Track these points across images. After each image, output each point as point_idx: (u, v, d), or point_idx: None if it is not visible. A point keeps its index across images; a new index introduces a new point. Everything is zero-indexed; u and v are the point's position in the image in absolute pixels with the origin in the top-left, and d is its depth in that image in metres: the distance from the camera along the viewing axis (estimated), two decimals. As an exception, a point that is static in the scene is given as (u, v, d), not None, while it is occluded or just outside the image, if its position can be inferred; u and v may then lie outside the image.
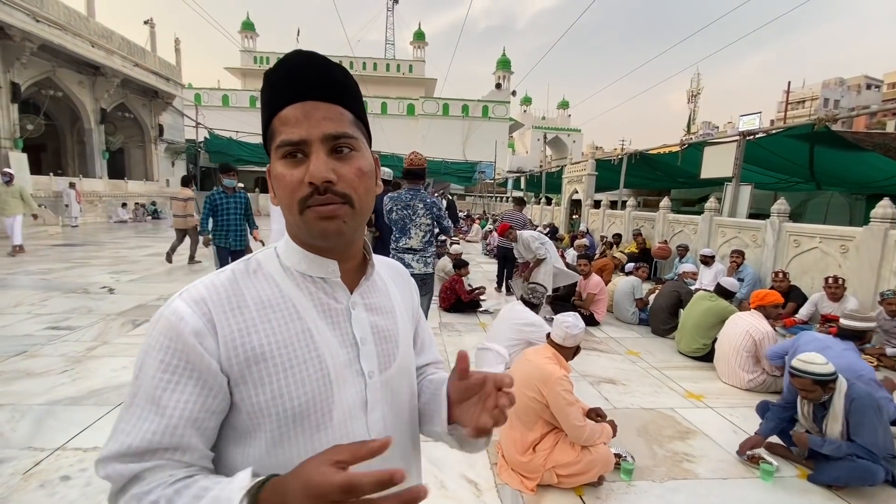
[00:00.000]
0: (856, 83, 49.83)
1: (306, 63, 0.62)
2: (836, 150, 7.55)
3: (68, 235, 12.07)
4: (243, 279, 0.64)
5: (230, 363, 0.58)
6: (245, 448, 0.61)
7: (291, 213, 0.62)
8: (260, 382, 0.59)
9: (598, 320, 5.47)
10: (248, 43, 39.15)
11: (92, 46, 15.33)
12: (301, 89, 0.61)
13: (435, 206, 3.47)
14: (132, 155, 20.86)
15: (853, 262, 5.11)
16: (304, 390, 0.60)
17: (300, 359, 0.61)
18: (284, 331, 0.62)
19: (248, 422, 0.60)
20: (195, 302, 0.59)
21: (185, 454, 0.56)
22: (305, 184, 0.59)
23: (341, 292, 0.68)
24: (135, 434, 0.55)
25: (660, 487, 2.38)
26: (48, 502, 2.06)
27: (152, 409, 0.55)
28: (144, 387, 0.56)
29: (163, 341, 0.57)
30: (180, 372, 0.56)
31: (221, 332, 0.58)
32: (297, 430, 0.60)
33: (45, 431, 2.62)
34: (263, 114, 0.65)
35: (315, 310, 0.65)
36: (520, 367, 2.42)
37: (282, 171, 0.61)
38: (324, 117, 0.60)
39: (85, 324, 4.56)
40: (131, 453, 0.54)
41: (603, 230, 11.52)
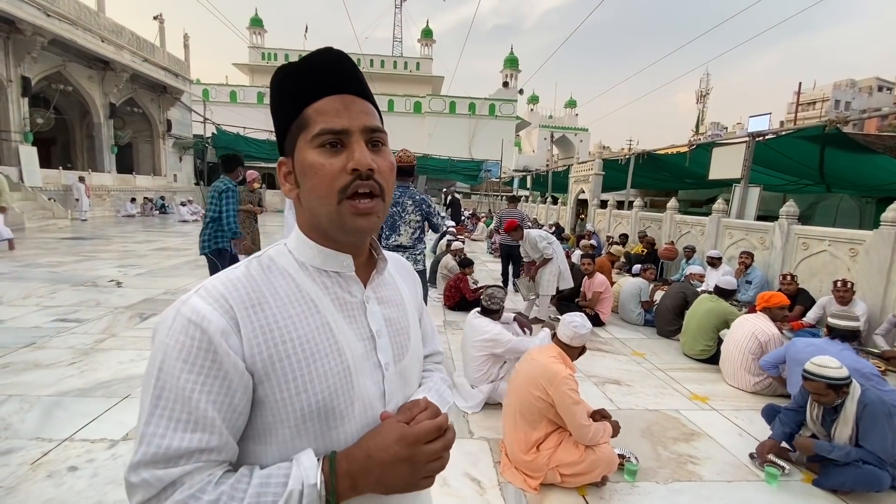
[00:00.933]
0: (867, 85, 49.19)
1: (340, 59, 0.64)
2: (847, 153, 7.47)
3: (77, 229, 12.19)
4: (259, 275, 0.64)
5: (254, 360, 0.58)
6: (267, 446, 0.61)
7: (326, 203, 0.62)
8: (283, 378, 0.59)
9: (604, 320, 5.45)
10: (256, 39, 39.26)
11: (102, 41, 15.43)
12: (339, 82, 0.63)
13: (424, 203, 3.46)
14: (140, 150, 21.01)
15: (863, 265, 5.06)
16: (326, 384, 0.61)
17: (321, 353, 0.62)
18: (304, 325, 0.62)
19: (270, 418, 0.60)
20: (215, 300, 0.58)
21: (220, 453, 0.56)
22: (346, 172, 0.61)
23: (356, 286, 0.70)
24: (170, 436, 0.54)
25: (664, 489, 2.37)
26: (55, 493, 2.09)
27: (184, 410, 0.54)
28: (170, 388, 0.54)
29: (185, 341, 0.55)
30: (206, 371, 0.55)
31: (245, 329, 0.58)
32: (322, 424, 0.61)
33: (52, 422, 2.65)
34: (288, 105, 0.64)
35: (332, 304, 0.66)
36: (525, 366, 2.42)
37: (319, 159, 0.61)
38: (361, 110, 0.63)
39: (93, 316, 4.61)
40: (169, 456, 0.53)
41: (609, 230, 11.47)
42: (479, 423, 2.97)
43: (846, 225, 8.53)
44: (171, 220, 16.80)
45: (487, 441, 2.74)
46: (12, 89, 13.28)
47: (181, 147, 22.48)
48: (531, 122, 44.25)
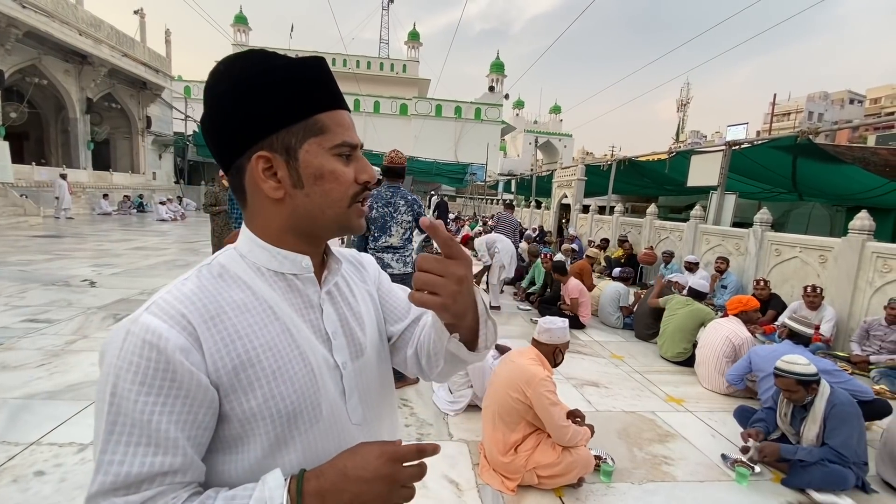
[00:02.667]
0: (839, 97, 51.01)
1: (329, 72, 0.67)
2: (818, 163, 7.73)
3: (50, 226, 11.82)
4: (213, 285, 0.62)
5: (219, 374, 0.57)
6: (237, 456, 0.60)
7: (339, 206, 0.65)
8: (250, 388, 0.58)
9: (584, 323, 5.52)
10: (240, 37, 38.71)
11: (79, 35, 15.05)
12: (341, 98, 0.67)
13: (416, 204, 3.44)
14: (118, 146, 20.51)
15: (832, 271, 5.24)
16: (294, 389, 0.61)
17: (286, 359, 0.62)
18: (266, 333, 0.61)
19: (238, 430, 0.59)
20: (171, 317, 0.56)
21: (185, 474, 0.55)
22: (361, 181, 0.66)
23: (312, 288, 0.69)
24: (129, 462, 0.52)
25: (638, 489, 2.42)
26: (21, 498, 2.02)
27: (143, 434, 0.52)
28: (126, 412, 0.52)
29: (139, 362, 0.53)
30: (166, 392, 0.53)
31: (206, 344, 0.57)
32: (293, 429, 0.61)
33: (19, 426, 2.56)
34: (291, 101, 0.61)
35: (290, 308, 0.66)
36: (504, 369, 2.44)
37: (339, 168, 0.65)
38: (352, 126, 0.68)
39: (64, 317, 4.47)
40: (129, 483, 0.51)
41: (591, 235, 11.63)
42: (458, 425, 2.98)
43: (818, 232, 8.81)
44: (149, 218, 16.42)
45: (466, 443, 2.76)
46: (-17, 81, 12.85)
47: (161, 144, 22.03)
48: (516, 127, 44.63)
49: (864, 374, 4.24)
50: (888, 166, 6.92)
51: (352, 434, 0.68)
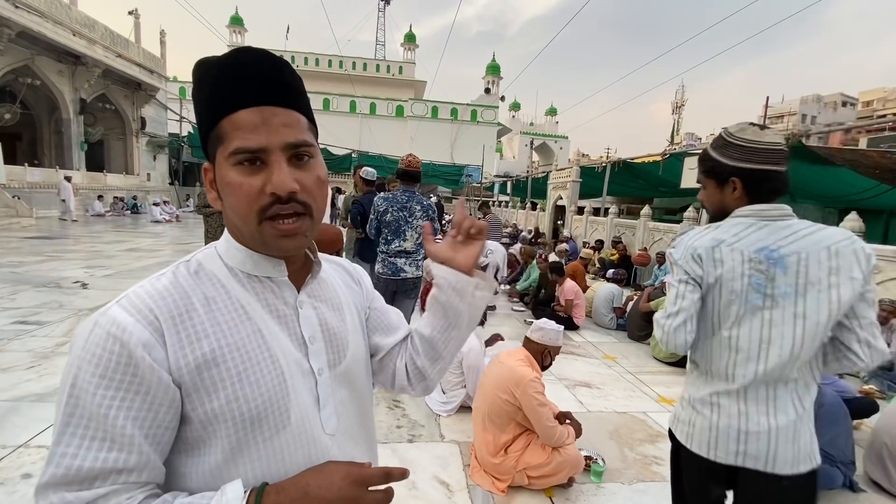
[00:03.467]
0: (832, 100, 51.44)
1: (259, 63, 0.58)
2: (809, 165, 7.79)
3: (42, 228, 11.74)
4: (187, 281, 0.61)
5: (181, 372, 0.55)
6: (197, 459, 0.58)
7: (247, 224, 0.59)
8: (213, 388, 0.56)
9: (577, 324, 5.54)
10: (236, 38, 38.63)
11: (73, 35, 14.99)
12: (256, 92, 0.57)
13: (431, 209, 3.45)
14: (112, 147, 20.42)
15: (822, 273, 5.27)
16: (259, 392, 0.59)
17: (254, 360, 0.59)
18: (235, 333, 0.59)
19: (200, 432, 0.57)
20: (139, 311, 0.55)
21: (141, 474, 0.53)
22: (266, 193, 0.57)
23: (288, 291, 0.67)
24: (82, 456, 0.50)
25: (628, 489, 2.43)
26: (8, 500, 2.01)
27: (99, 428, 0.51)
28: (84, 404, 0.51)
29: (102, 354, 0.52)
30: (126, 387, 0.52)
31: (170, 340, 0.55)
32: (257, 434, 0.59)
33: (7, 428, 2.55)
34: (205, 112, 0.60)
35: (264, 310, 0.64)
36: (493, 370, 2.45)
37: (237, 178, 0.57)
38: (283, 124, 0.58)
39: (55, 319, 4.44)
40: (81, 478, 0.50)
41: (586, 236, 11.67)
42: (449, 426, 2.98)
43: (810, 234, 8.86)
44: (142, 220, 16.34)
45: (458, 444, 2.76)
46: (-25, 82, 12.77)
47: (156, 146, 21.94)
48: (512, 129, 44.76)
49: (854, 375, 4.27)
50: (878, 168, 7.00)
51: (324, 445, 0.65)
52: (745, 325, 1.15)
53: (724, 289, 1.15)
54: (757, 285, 1.12)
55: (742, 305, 1.14)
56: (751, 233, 1.16)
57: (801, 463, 1.17)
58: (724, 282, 1.15)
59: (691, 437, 1.27)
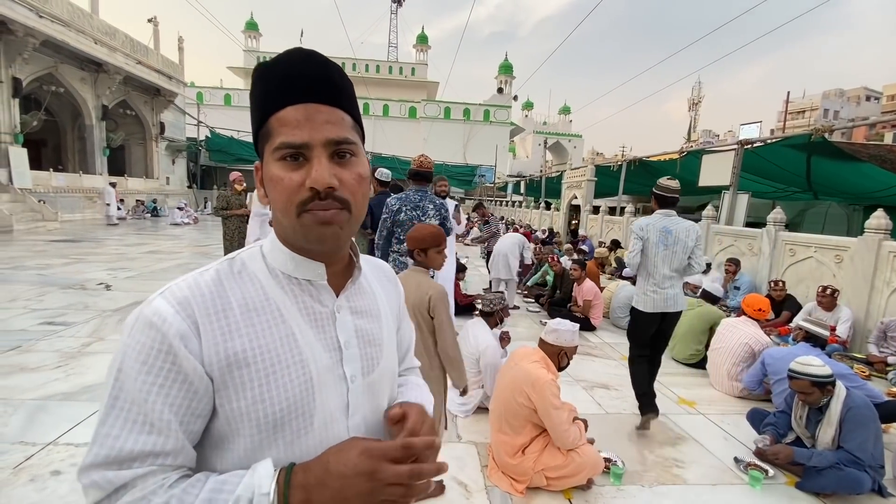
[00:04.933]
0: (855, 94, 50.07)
1: (307, 62, 0.60)
2: (833, 161, 7.60)
3: (67, 231, 12.07)
4: (228, 280, 0.62)
5: (212, 367, 0.57)
6: (223, 453, 0.60)
7: (287, 216, 0.60)
8: (241, 388, 0.58)
9: (595, 325, 5.48)
10: (251, 43, 39.25)
11: (95, 43, 15.38)
12: (303, 90, 0.59)
13: (443, 208, 3.47)
14: (133, 152, 20.90)
15: (847, 272, 5.14)
16: (285, 396, 0.60)
17: (283, 364, 0.60)
18: (268, 335, 0.61)
19: (226, 427, 0.59)
20: (179, 303, 0.57)
21: (176, 457, 0.56)
22: (306, 188, 0.58)
23: (327, 295, 0.68)
24: (124, 437, 0.53)
25: (648, 492, 2.39)
26: (38, 497, 2.07)
27: (140, 413, 0.54)
28: (128, 389, 0.54)
29: (144, 342, 0.55)
30: (165, 374, 0.54)
31: (205, 335, 0.57)
32: (277, 437, 0.60)
33: (36, 426, 2.62)
34: (256, 112, 0.63)
35: (299, 313, 0.64)
36: (509, 372, 2.43)
37: (279, 173, 0.59)
38: (326, 121, 0.60)
39: (81, 320, 4.57)
40: (122, 459, 0.53)
41: (601, 236, 11.55)
42: (467, 427, 2.98)
43: (834, 232, 8.64)
44: (162, 223, 16.69)
45: (475, 445, 2.75)
46: (3, 90, 13.19)
47: (174, 150, 22.39)
48: (525, 128, 44.56)
49: (882, 376, 4.15)
50: (906, 164, 6.78)
51: None
52: (659, 256, 2.93)
53: (650, 242, 2.94)
54: (662, 241, 2.91)
55: (656, 248, 2.92)
56: (659, 220, 2.97)
57: (682, 305, 2.99)
58: (650, 239, 2.94)
59: (646, 304, 3.01)
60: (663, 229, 2.91)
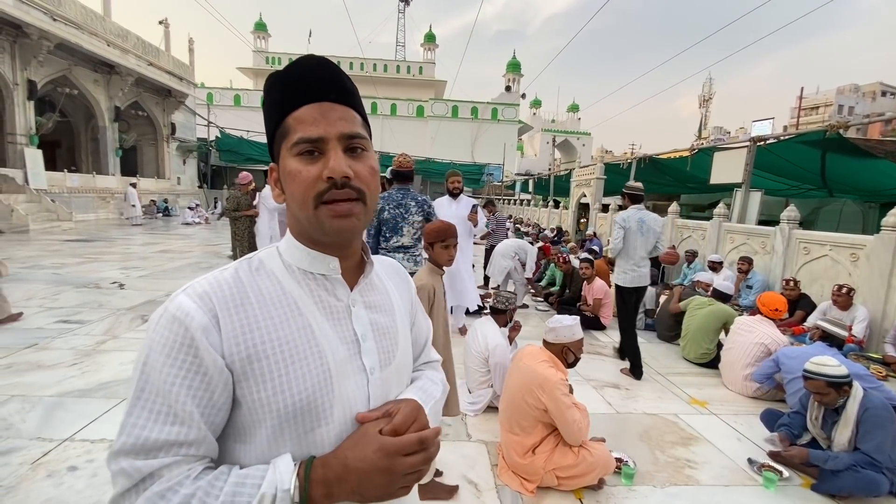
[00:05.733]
0: (871, 90, 49.07)
1: (321, 67, 0.65)
2: (848, 157, 7.46)
3: (81, 231, 12.26)
4: (246, 276, 0.65)
5: (233, 359, 0.59)
6: (246, 445, 0.62)
7: (304, 209, 0.63)
8: (261, 378, 0.60)
9: (605, 324, 5.45)
10: (260, 43, 39.52)
11: (107, 45, 15.59)
12: (318, 90, 0.64)
13: (426, 204, 3.54)
14: (144, 153, 21.16)
15: (864, 270, 5.04)
16: (304, 385, 0.62)
17: (301, 354, 0.62)
18: (285, 327, 0.63)
19: (248, 417, 0.61)
20: (200, 298, 0.60)
21: (200, 448, 0.58)
22: (322, 179, 0.62)
23: (342, 289, 0.70)
24: (150, 427, 0.55)
25: (661, 493, 2.37)
26: (55, 492, 2.10)
27: (165, 404, 0.56)
28: (153, 381, 0.56)
29: (168, 336, 0.57)
30: (188, 367, 0.57)
31: (225, 328, 0.59)
32: (299, 426, 0.62)
33: (53, 423, 2.67)
34: (272, 114, 0.67)
35: (316, 306, 0.67)
36: (517, 372, 2.42)
37: (297, 167, 0.63)
38: (340, 118, 0.64)
39: (95, 318, 4.64)
40: (147, 448, 0.55)
41: (611, 234, 11.47)
42: (476, 426, 2.98)
43: (849, 230, 8.49)
44: (173, 222, 16.88)
45: (485, 444, 2.75)
46: (18, 93, 13.43)
47: (185, 150, 22.62)
48: (533, 126, 44.30)
49: None
50: (924, 160, 6.64)
51: None
52: (638, 242, 3.80)
53: (631, 230, 3.76)
54: (639, 229, 3.78)
55: (635, 235, 3.78)
56: (635, 213, 3.81)
57: (648, 281, 3.98)
58: (629, 228, 3.76)
59: (626, 281, 3.87)
60: (639, 220, 3.78)
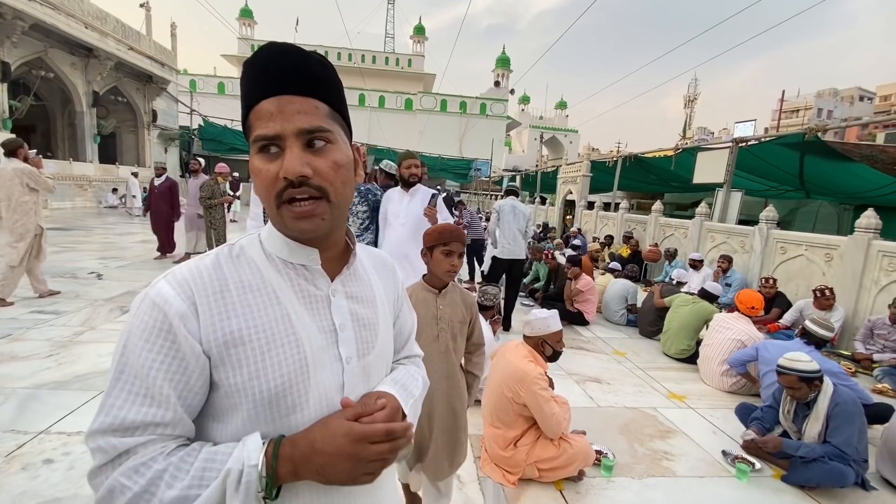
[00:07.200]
0: (849, 94, 50.37)
1: (280, 56, 0.62)
2: (826, 160, 7.66)
3: (57, 219, 11.91)
4: (226, 264, 0.65)
5: (210, 345, 0.60)
6: (223, 425, 0.63)
7: (269, 207, 0.64)
8: (238, 364, 0.61)
9: (589, 320, 5.53)
10: (246, 30, 38.69)
11: (85, 28, 15.08)
12: (275, 83, 0.61)
13: (370, 193, 3.48)
14: (124, 140, 20.59)
15: (837, 270, 5.21)
16: (280, 372, 0.62)
17: (278, 342, 0.63)
18: (263, 315, 0.63)
19: (225, 400, 0.62)
20: (179, 285, 0.61)
21: (175, 428, 0.59)
22: (280, 178, 0.60)
23: (321, 279, 0.70)
24: (127, 408, 0.57)
25: (638, 484, 2.43)
26: (30, 485, 2.06)
27: (142, 386, 0.57)
28: (132, 364, 0.57)
29: (148, 321, 0.58)
30: (165, 351, 0.58)
31: (203, 315, 0.60)
32: (274, 411, 0.62)
33: (28, 415, 2.61)
34: (242, 107, 0.66)
35: (295, 295, 0.67)
36: (498, 367, 2.44)
37: (258, 165, 0.62)
38: (298, 111, 0.61)
39: (72, 309, 4.53)
40: (125, 427, 0.56)
41: (596, 231, 11.60)
42: (460, 419, 3.00)
43: (826, 231, 8.74)
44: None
45: (469, 437, 2.77)
46: (-9, 74, 12.92)
47: (167, 138, 22.08)
48: (522, 123, 44.39)
49: (868, 373, 4.23)
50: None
51: None
52: (509, 221, 4.95)
53: (504, 213, 4.98)
54: (511, 212, 4.96)
55: (507, 217, 4.95)
56: (509, 202, 5.06)
57: (522, 255, 5.05)
58: (502, 213, 4.98)
59: (504, 254, 4.96)
60: (512, 206, 4.97)
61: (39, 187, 4.72)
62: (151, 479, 0.55)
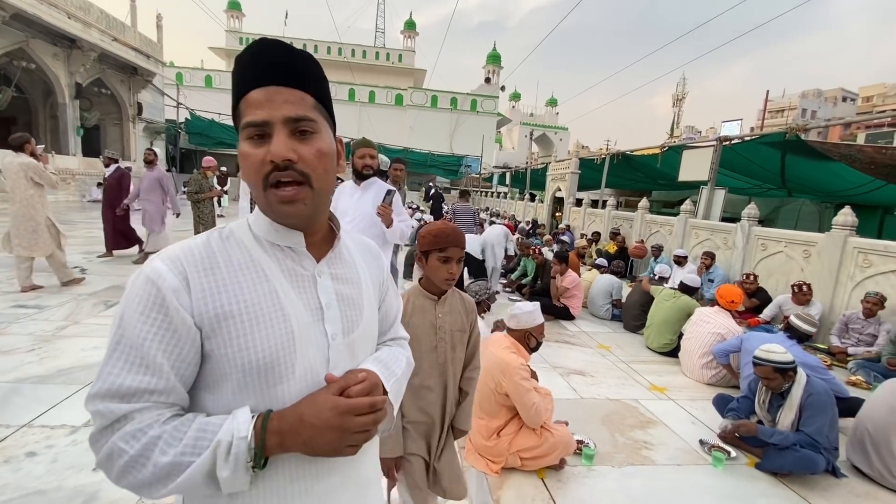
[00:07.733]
0: (833, 95, 51.30)
1: (270, 50, 0.67)
2: (806, 159, 7.83)
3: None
4: (216, 244, 0.70)
5: (202, 318, 0.64)
6: (215, 396, 0.67)
7: (257, 190, 0.68)
8: (228, 336, 0.65)
9: (574, 315, 5.60)
10: (234, 23, 38.16)
11: (68, 18, 14.76)
12: (265, 74, 0.66)
13: None
14: (108, 133, 20.21)
15: (815, 266, 5.35)
16: (268, 344, 0.66)
17: (266, 316, 0.67)
18: (252, 291, 0.67)
19: (216, 370, 0.66)
20: (172, 261, 0.65)
21: (169, 396, 0.63)
22: (267, 162, 0.65)
23: (308, 261, 0.74)
24: (124, 375, 0.60)
25: (618, 472, 2.50)
26: (13, 477, 2.05)
27: (138, 355, 0.61)
28: (128, 335, 0.61)
29: (143, 295, 0.62)
30: (159, 324, 0.62)
31: (195, 289, 0.64)
32: (261, 381, 0.66)
33: (10, 409, 2.59)
34: (232, 97, 0.70)
35: (283, 274, 0.71)
36: (482, 360, 2.47)
37: (247, 150, 0.66)
38: (285, 101, 0.66)
39: (55, 303, 4.47)
40: (122, 393, 0.60)
41: (583, 228, 11.71)
42: (446, 411, 3.04)
43: (807, 228, 8.94)
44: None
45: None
46: (-31, 64, 12.60)
47: (152, 132, 21.72)
48: (512, 119, 44.47)
49: (842, 366, 4.36)
50: (873, 164, 7.03)
51: None
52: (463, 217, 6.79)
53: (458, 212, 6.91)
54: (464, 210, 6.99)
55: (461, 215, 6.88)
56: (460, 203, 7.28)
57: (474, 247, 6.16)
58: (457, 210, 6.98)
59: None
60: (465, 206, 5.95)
61: (43, 182, 4.79)
62: (147, 444, 0.58)
